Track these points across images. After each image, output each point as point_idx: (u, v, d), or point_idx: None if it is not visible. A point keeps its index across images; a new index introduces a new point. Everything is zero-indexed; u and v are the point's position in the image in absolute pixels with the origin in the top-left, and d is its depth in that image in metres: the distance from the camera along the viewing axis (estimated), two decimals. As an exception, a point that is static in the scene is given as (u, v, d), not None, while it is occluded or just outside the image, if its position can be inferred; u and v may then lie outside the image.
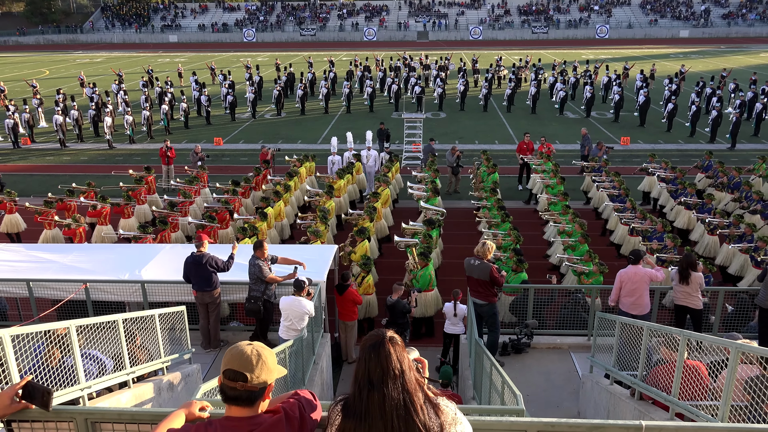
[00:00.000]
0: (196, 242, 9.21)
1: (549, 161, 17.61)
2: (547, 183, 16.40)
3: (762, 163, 17.22)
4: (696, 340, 5.43)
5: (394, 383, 2.24)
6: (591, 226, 14.29)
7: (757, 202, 14.49)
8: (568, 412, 8.09)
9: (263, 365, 2.36)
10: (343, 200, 16.23)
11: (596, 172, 17.20)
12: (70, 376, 4.98)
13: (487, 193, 15.32)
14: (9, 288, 9.61)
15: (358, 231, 12.15)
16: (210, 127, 28.81)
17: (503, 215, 13.40)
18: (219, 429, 2.37)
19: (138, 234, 12.50)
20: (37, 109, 29.79)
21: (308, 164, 18.32)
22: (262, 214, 13.50)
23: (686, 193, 15.01)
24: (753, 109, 26.55)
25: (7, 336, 4.17)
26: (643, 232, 13.03)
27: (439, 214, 14.13)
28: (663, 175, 16.48)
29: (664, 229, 12.48)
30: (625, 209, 14.28)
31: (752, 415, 4.42)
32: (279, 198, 14.95)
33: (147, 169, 17.07)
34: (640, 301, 8.71)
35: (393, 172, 17.44)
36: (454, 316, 10.09)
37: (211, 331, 9.38)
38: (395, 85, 32.63)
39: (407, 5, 79.62)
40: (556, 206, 14.48)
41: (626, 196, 14.98)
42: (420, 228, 12.85)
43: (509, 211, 14.08)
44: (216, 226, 13.51)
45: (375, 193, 15.20)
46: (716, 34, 69.08)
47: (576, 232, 12.60)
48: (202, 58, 55.64)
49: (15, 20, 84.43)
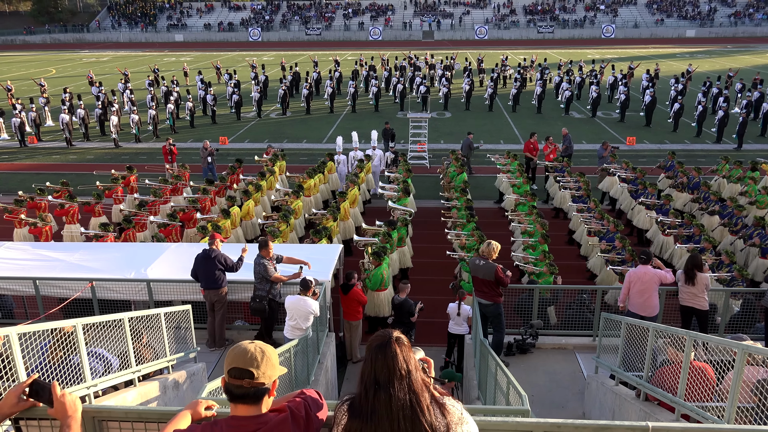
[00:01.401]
0: (210, 240, 9.35)
1: (515, 161, 17.65)
2: (513, 182, 16.45)
3: (725, 164, 17.27)
4: (702, 341, 5.41)
5: (400, 383, 2.24)
6: (554, 226, 14.57)
7: (715, 202, 14.57)
8: (573, 412, 8.07)
9: (268, 361, 2.38)
10: (313, 200, 16.17)
11: (559, 172, 17.30)
12: (76, 374, 4.99)
13: (458, 193, 15.27)
14: (16, 286, 9.65)
15: (314, 231, 12.22)
16: (216, 126, 28.88)
17: (468, 215, 13.44)
18: (225, 428, 2.38)
19: (99, 233, 12.58)
20: (43, 107, 29.91)
21: (279, 163, 18.36)
22: (225, 213, 13.52)
23: (646, 193, 15.10)
24: (760, 109, 26.42)
25: (14, 334, 4.19)
26: (597, 233, 13.15)
27: (407, 214, 14.11)
28: (624, 176, 16.55)
29: (617, 229, 12.53)
30: (587, 209, 14.34)
31: (759, 416, 4.40)
32: (248, 197, 15.00)
33: (129, 168, 17.16)
34: (649, 302, 8.67)
35: (364, 172, 17.47)
36: (458, 315, 10.08)
37: (217, 330, 9.40)
38: (400, 84, 32.61)
39: (413, 5, 79.55)
40: (524, 207, 14.55)
41: (588, 196, 15.06)
42: (381, 228, 12.85)
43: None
44: (178, 225, 13.52)
45: (342, 192, 15.19)
46: (723, 34, 68.76)
47: (537, 233, 12.61)
48: (208, 57, 55.74)
49: (22, 19, 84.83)
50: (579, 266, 13.78)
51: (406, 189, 15.29)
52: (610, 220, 13.00)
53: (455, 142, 23.79)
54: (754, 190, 15.29)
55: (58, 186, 15.59)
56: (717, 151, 22.89)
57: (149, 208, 14.81)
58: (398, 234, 12.66)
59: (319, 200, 16.55)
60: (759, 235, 12.41)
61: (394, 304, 10.22)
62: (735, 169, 16.81)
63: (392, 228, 12.57)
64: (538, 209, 14.17)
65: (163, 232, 13.22)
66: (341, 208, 14.20)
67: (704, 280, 8.85)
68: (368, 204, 17.75)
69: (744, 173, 16.20)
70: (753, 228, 12.71)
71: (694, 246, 11.95)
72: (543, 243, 12.06)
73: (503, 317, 8.95)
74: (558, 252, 13.80)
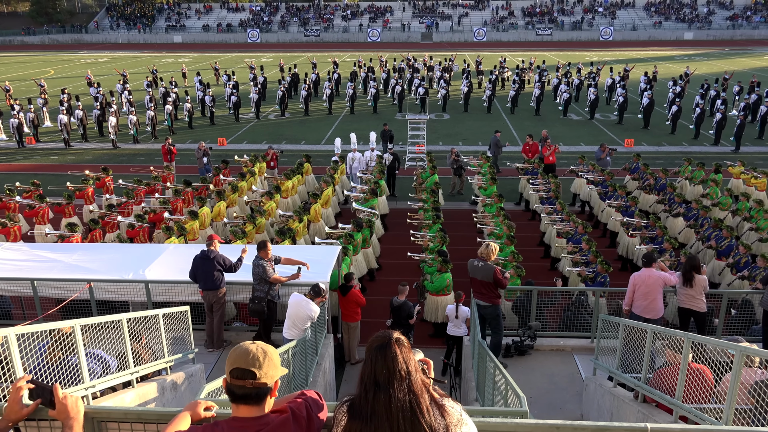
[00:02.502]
0: (207, 241, 9.34)
1: (487, 162, 17.68)
2: (480, 184, 16.50)
3: (688, 166, 17.41)
4: (700, 343, 5.42)
5: (400, 384, 2.24)
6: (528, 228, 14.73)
7: (680, 204, 14.65)
8: (571, 414, 8.08)
9: (270, 361, 2.38)
10: (291, 201, 16.14)
11: (531, 174, 17.38)
12: (74, 375, 4.99)
13: (427, 194, 15.32)
14: (13, 287, 9.64)
15: (278, 232, 12.23)
16: (214, 128, 28.87)
17: (434, 217, 13.46)
18: (226, 429, 2.38)
19: (64, 233, 12.61)
20: (41, 108, 29.87)
21: (260, 165, 18.40)
22: (193, 214, 13.53)
23: (615, 195, 15.21)
24: (757, 112, 26.48)
25: (12, 335, 4.18)
26: (565, 234, 13.22)
27: (373, 216, 14.16)
28: (591, 178, 16.68)
29: (585, 231, 12.59)
30: (555, 211, 14.43)
31: (756, 418, 4.41)
32: (221, 198, 15.04)
33: (104, 170, 17.20)
34: (653, 305, 8.65)
35: (339, 173, 17.48)
36: (456, 317, 10.08)
37: (215, 331, 9.39)
38: (399, 86, 32.64)
39: (411, 6, 79.64)
40: (491, 208, 14.55)
41: (556, 198, 15.15)
42: (344, 230, 12.92)
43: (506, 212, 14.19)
44: (146, 226, 13.54)
45: (315, 194, 15.20)
46: (720, 37, 68.97)
47: (504, 234, 12.64)
48: (207, 58, 55.73)
49: (20, 20, 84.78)
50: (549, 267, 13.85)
51: (373, 190, 15.30)
52: (577, 222, 13.07)
53: (454, 144, 23.81)
54: (716, 192, 15.44)
55: (28, 186, 15.66)
56: (715, 154, 22.95)
57: (121, 209, 14.83)
58: (362, 235, 12.67)
59: (297, 201, 16.47)
60: (716, 237, 12.52)
61: (393, 306, 10.22)
62: (697, 171, 16.96)
63: (358, 229, 12.63)
64: (506, 211, 14.27)
65: (131, 233, 13.26)
66: (312, 210, 14.32)
67: (702, 282, 8.86)
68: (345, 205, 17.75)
69: (707, 175, 16.36)
70: (712, 230, 12.82)
71: (654, 247, 12.08)
72: (510, 244, 12.08)
73: (501, 319, 8.96)
74: (530, 253, 13.93)
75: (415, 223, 14.11)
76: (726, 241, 12.11)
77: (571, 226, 13.21)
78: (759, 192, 15.92)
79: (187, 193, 15.66)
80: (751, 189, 16.16)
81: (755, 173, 16.38)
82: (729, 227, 12.60)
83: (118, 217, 14.07)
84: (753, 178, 16.38)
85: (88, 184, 16.11)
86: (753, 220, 13.52)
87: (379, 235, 14.81)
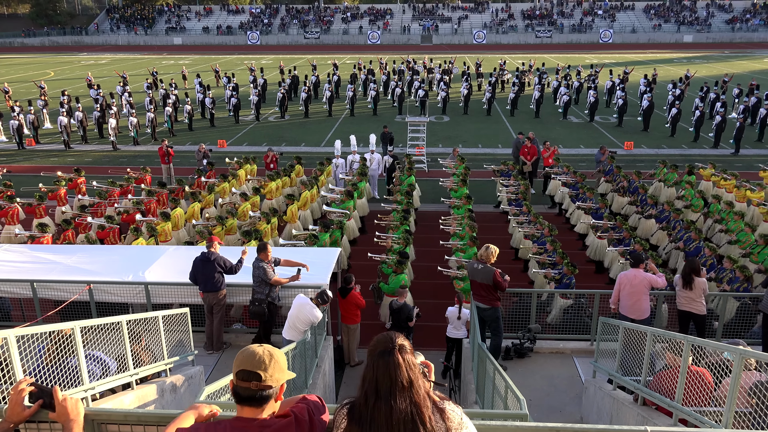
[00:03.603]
0: (207, 243, 9.33)
1: (463, 164, 17.77)
2: (451, 186, 16.58)
3: (663, 168, 17.45)
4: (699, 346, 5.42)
5: (401, 395, 2.22)
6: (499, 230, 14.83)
7: (652, 206, 14.72)
8: (571, 417, 8.08)
9: (276, 364, 2.39)
10: (275, 203, 16.09)
11: (505, 176, 17.48)
12: (73, 377, 4.99)
13: (402, 196, 15.36)
14: (13, 288, 9.63)
15: (244, 233, 12.25)
16: (214, 130, 28.89)
17: (402, 219, 13.45)
18: (228, 429, 2.39)
19: (34, 233, 12.64)
20: (41, 110, 29.88)
21: (250, 167, 18.43)
22: (165, 216, 13.55)
23: (585, 197, 15.30)
24: (757, 115, 26.51)
25: (12, 336, 4.19)
26: (531, 236, 13.28)
27: (344, 217, 14.20)
28: (564, 180, 16.75)
29: (551, 233, 12.63)
30: (522, 213, 14.50)
31: (756, 421, 4.41)
32: (195, 199, 15.06)
33: (77, 171, 17.27)
34: (638, 305, 8.68)
35: (324, 175, 17.52)
36: (458, 319, 10.08)
37: (215, 333, 9.39)
38: (399, 88, 32.66)
39: (411, 9, 79.74)
40: (460, 210, 14.60)
41: (524, 199, 15.24)
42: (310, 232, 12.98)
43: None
44: (116, 227, 13.56)
45: (290, 195, 15.20)
46: (720, 39, 69.05)
47: (467, 236, 12.67)
48: (207, 60, 55.79)
49: (20, 22, 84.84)
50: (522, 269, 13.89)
51: (349, 192, 15.33)
52: (544, 224, 13.11)
53: (454, 146, 23.81)
54: (691, 194, 15.51)
55: (1, 188, 15.68)
56: (714, 156, 22.96)
57: (94, 210, 14.84)
58: (332, 237, 12.67)
59: (282, 203, 16.38)
60: (686, 239, 12.59)
61: (393, 309, 10.22)
62: (671, 173, 17.01)
63: (326, 230, 12.67)
64: (475, 213, 14.35)
65: (100, 234, 13.29)
66: (288, 211, 14.33)
67: (702, 284, 8.86)
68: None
69: (680, 177, 16.37)
70: (684, 231, 12.87)
71: (624, 249, 12.15)
72: (473, 246, 12.12)
73: (501, 321, 8.96)
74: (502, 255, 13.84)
75: (383, 224, 14.17)
76: (694, 243, 12.18)
77: (538, 228, 13.29)
78: (729, 194, 16.01)
79: (161, 194, 15.68)
80: (721, 191, 16.28)
81: (724, 175, 16.47)
82: (698, 229, 12.69)
83: (89, 218, 14.09)
84: (722, 180, 16.47)
85: (61, 185, 16.22)
86: (724, 222, 13.61)
87: (353, 236, 14.80)
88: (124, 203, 15.77)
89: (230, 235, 13.48)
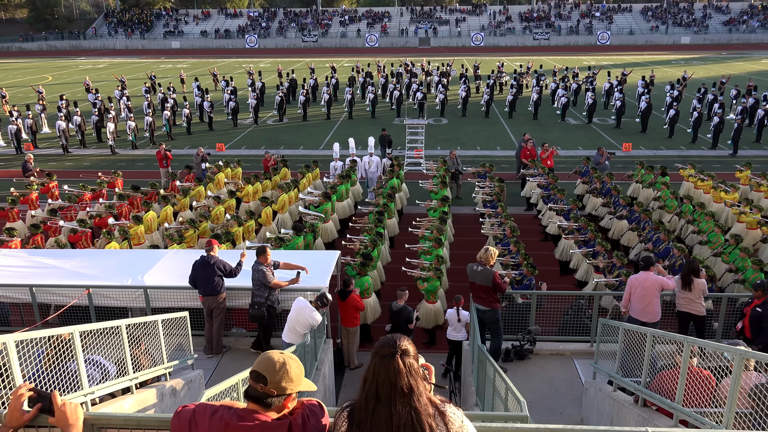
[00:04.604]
0: (207, 246, 9.28)
1: (444, 167, 17.81)
2: (430, 188, 16.67)
3: (640, 169, 17.53)
4: (699, 347, 5.42)
5: (402, 400, 2.21)
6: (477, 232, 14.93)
7: (624, 207, 14.81)
8: (571, 418, 8.07)
9: (285, 374, 2.45)
10: (252, 206, 15.98)
11: (481, 177, 17.56)
12: (73, 381, 4.97)
13: (384, 198, 15.38)
14: (12, 293, 9.61)
15: (214, 235, 12.29)
16: (212, 133, 28.89)
17: (375, 221, 13.53)
18: (231, 414, 2.47)
19: (3, 238, 12.66)
20: (40, 114, 29.87)
21: (234, 171, 18.46)
22: (137, 219, 13.55)
23: (556, 198, 15.40)
24: (755, 116, 26.56)
25: (11, 341, 4.17)
26: (495, 237, 13.38)
27: (319, 220, 14.25)
28: (537, 181, 16.87)
29: (513, 234, 12.70)
30: (495, 214, 14.58)
31: (756, 422, 4.41)
32: (167, 203, 15.09)
33: (48, 175, 17.33)
34: (650, 308, 8.64)
35: (307, 178, 17.53)
36: (458, 321, 10.08)
37: (214, 337, 9.37)
38: (397, 91, 32.70)
39: (409, 12, 79.89)
40: (435, 212, 14.65)
41: (498, 201, 15.33)
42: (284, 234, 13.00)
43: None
44: (87, 230, 13.56)
45: (264, 197, 15.17)
46: (717, 41, 69.21)
47: (434, 237, 12.71)
48: (205, 64, 55.82)
49: (18, 26, 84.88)
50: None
51: (327, 195, 15.31)
52: (508, 225, 13.17)
53: (452, 148, 23.81)
54: (666, 195, 15.56)
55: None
56: (713, 157, 23.01)
57: (64, 213, 14.84)
58: (304, 240, 12.66)
59: (257, 207, 16.11)
60: (655, 240, 12.63)
61: (392, 311, 10.21)
62: (647, 174, 17.08)
63: (298, 233, 12.72)
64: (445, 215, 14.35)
65: (72, 238, 13.29)
66: (263, 214, 14.36)
67: (701, 285, 8.86)
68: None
69: (655, 178, 16.46)
70: (653, 232, 12.93)
71: (587, 250, 12.23)
72: (438, 247, 12.14)
73: (501, 323, 8.95)
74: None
75: (357, 226, 14.20)
76: (664, 244, 12.21)
77: (504, 229, 13.37)
78: (706, 195, 16.07)
79: (134, 198, 15.68)
80: (698, 192, 16.38)
81: (701, 176, 16.53)
82: (666, 230, 12.73)
83: (60, 221, 14.05)
84: (699, 180, 16.53)
85: (33, 189, 16.26)
86: (696, 223, 13.69)
87: (331, 239, 14.80)
88: (96, 207, 15.74)
89: (203, 238, 13.44)
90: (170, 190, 16.46)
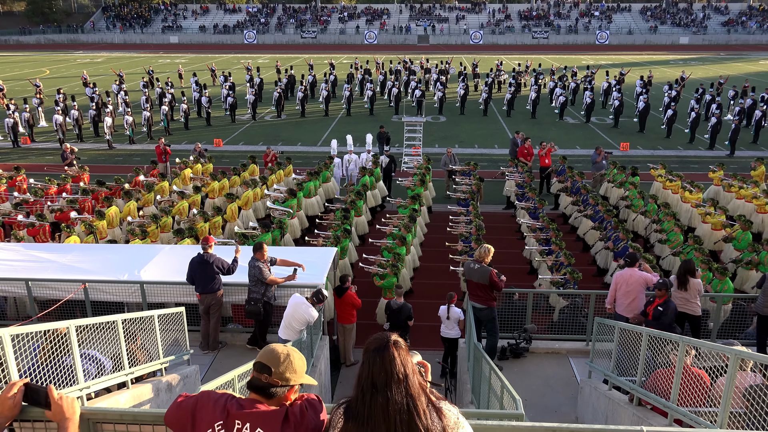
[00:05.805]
0: (203, 243, 9.26)
1: (427, 165, 17.92)
2: (408, 185, 16.79)
3: (613, 169, 17.67)
4: (695, 347, 5.44)
5: (397, 387, 2.25)
6: None
7: (592, 206, 14.97)
8: (566, 417, 8.09)
9: (289, 365, 2.53)
10: (218, 201, 15.96)
11: (465, 175, 17.64)
12: (69, 376, 4.97)
13: (354, 195, 15.42)
14: (7, 287, 9.59)
15: (176, 231, 12.41)
16: (210, 129, 28.83)
17: (342, 218, 13.62)
18: (233, 402, 2.52)
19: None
20: (37, 108, 29.77)
21: (205, 166, 18.42)
22: (99, 214, 13.55)
23: (528, 196, 15.59)
24: (752, 116, 26.62)
25: (6, 335, 4.17)
26: (460, 235, 13.49)
27: (287, 215, 14.30)
28: (516, 180, 17.04)
29: (478, 233, 12.78)
30: (467, 212, 14.69)
31: (751, 422, 4.43)
32: (129, 198, 15.09)
33: (16, 169, 17.33)
34: (635, 304, 8.72)
35: (278, 175, 17.55)
36: (447, 319, 10.08)
37: (211, 333, 9.37)
38: (395, 88, 32.67)
39: (408, 9, 79.75)
40: (405, 210, 14.73)
41: (472, 199, 15.46)
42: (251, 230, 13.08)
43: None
44: (46, 224, 13.54)
45: (230, 194, 15.17)
46: (716, 41, 69.28)
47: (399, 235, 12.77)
48: (203, 59, 55.67)
49: (16, 19, 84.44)
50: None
51: (292, 191, 15.33)
52: (474, 224, 13.24)
53: (450, 146, 23.82)
54: (634, 194, 15.69)
55: None
56: (710, 158, 23.04)
57: (30, 206, 14.80)
58: (271, 236, 12.65)
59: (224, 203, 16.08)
60: (615, 238, 12.74)
61: (392, 309, 10.22)
62: (618, 174, 17.21)
63: (266, 230, 12.81)
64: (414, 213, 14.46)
65: (31, 232, 13.27)
66: (228, 210, 14.40)
67: (697, 285, 8.89)
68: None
69: (626, 178, 16.56)
70: (613, 231, 13.04)
71: (542, 249, 12.43)
72: (401, 245, 12.24)
73: (497, 321, 8.96)
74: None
75: (324, 223, 14.23)
76: (622, 243, 12.32)
77: (471, 228, 13.45)
78: (674, 194, 16.18)
79: (98, 193, 15.64)
80: (666, 192, 16.49)
81: (670, 176, 16.62)
82: (625, 229, 12.90)
83: (19, 216, 14.00)
84: (668, 181, 16.61)
85: (1, 183, 16.23)
86: (660, 222, 13.80)
87: (298, 235, 14.83)
88: (60, 201, 15.71)
89: (164, 233, 13.45)
90: (134, 185, 16.44)
